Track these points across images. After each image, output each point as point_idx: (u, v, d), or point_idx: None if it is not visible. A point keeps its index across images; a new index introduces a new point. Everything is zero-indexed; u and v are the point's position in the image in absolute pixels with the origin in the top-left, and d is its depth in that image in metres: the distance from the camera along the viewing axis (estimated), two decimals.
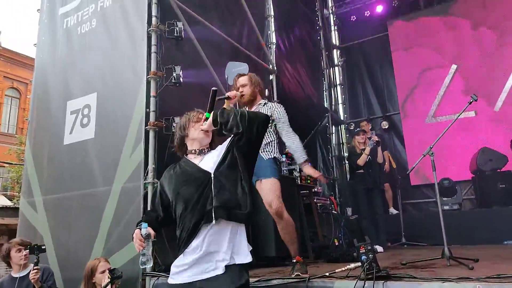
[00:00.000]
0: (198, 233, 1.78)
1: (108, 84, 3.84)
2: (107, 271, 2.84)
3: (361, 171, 5.16)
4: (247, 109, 3.12)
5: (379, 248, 4.70)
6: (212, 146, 2.04)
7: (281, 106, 3.16)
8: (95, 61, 4.01)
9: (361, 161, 5.13)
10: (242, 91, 3.07)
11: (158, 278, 3.08)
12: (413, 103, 7.45)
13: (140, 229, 1.81)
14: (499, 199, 5.63)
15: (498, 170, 5.88)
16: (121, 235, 3.30)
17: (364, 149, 5.17)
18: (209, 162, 1.92)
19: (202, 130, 1.97)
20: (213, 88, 1.99)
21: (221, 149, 1.96)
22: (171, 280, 1.84)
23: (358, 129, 5.60)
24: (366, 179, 5.13)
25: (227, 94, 2.77)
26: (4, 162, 15.17)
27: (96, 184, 3.61)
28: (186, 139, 2.03)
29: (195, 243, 1.77)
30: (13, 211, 9.28)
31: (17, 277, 3.05)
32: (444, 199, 6.08)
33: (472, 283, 2.06)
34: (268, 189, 2.82)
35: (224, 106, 2.75)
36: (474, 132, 6.76)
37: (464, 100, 6.66)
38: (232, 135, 1.92)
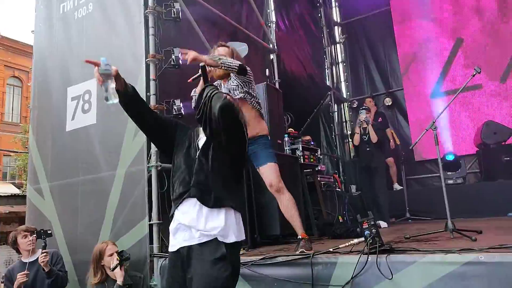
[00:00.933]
0: (182, 202, 1.83)
1: None
2: (115, 253, 2.90)
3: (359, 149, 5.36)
4: (221, 83, 3.01)
5: (383, 224, 4.75)
6: None
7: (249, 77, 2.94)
8: (93, 45, 3.98)
9: (355, 140, 5.34)
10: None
11: (165, 259, 3.14)
12: (417, 78, 7.36)
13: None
14: (504, 172, 5.63)
15: (503, 143, 5.85)
16: (127, 218, 3.35)
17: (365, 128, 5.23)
18: (203, 140, 1.91)
19: None
20: (201, 64, 2.00)
21: None
22: (169, 248, 1.90)
23: (362, 107, 5.56)
24: (362, 158, 5.27)
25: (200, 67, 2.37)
26: (10, 151, 15.31)
27: (101, 169, 3.64)
28: None
29: (179, 211, 1.84)
30: (22, 199, 9.40)
31: (26, 262, 3.13)
32: (448, 173, 6.08)
33: (475, 254, 2.08)
34: (266, 171, 2.89)
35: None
36: (479, 106, 6.69)
37: (468, 74, 6.61)
38: None
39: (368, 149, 5.18)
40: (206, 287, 1.69)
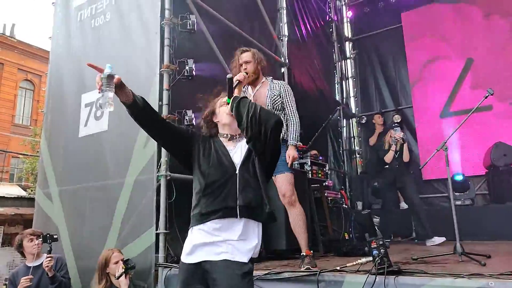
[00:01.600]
0: (216, 220, 1.77)
1: (122, 77, 3.84)
2: (121, 261, 2.90)
3: (387, 166, 5.18)
4: (249, 90, 3.10)
5: (438, 239, 4.56)
6: None
7: (288, 86, 3.14)
8: (109, 54, 4.04)
9: (388, 158, 5.13)
10: (246, 68, 2.96)
11: (170, 269, 3.13)
12: (426, 97, 7.35)
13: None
14: None
15: None
16: (134, 227, 3.35)
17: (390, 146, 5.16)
18: (238, 154, 1.87)
19: (227, 114, 1.92)
20: (228, 76, 1.96)
21: None
22: (185, 259, 1.82)
23: (394, 123, 5.49)
24: (388, 174, 5.17)
25: (236, 78, 2.72)
26: (20, 153, 15.45)
27: (110, 176, 3.66)
28: (218, 123, 2.00)
29: (210, 226, 1.77)
30: (28, 201, 9.46)
31: (31, 266, 3.13)
32: (456, 194, 6.01)
33: (485, 280, 2.05)
34: (282, 181, 2.88)
35: (235, 90, 2.76)
36: (489, 127, 6.64)
37: (478, 94, 6.59)
38: None
39: (397, 166, 5.13)
40: None
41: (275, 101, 3.05)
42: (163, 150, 3.37)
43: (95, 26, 4.28)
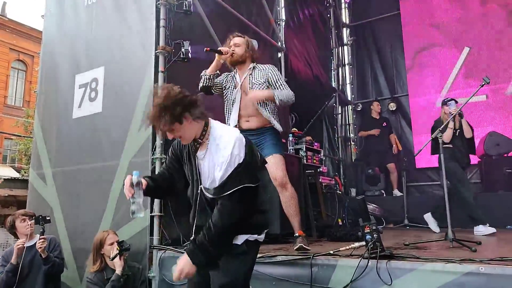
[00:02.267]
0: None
1: (116, 58, 3.82)
2: (116, 243, 2.91)
3: (450, 145, 4.44)
4: (235, 70, 3.12)
5: (490, 229, 4.08)
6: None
7: (274, 67, 3.11)
8: (103, 34, 3.97)
9: (446, 137, 4.31)
10: (234, 50, 3.02)
11: (165, 252, 3.15)
12: (422, 85, 7.34)
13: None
14: (505, 184, 5.62)
15: (505, 155, 5.85)
16: (129, 209, 3.33)
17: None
18: (207, 169, 1.80)
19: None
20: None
21: (225, 167, 1.73)
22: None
23: (448, 98, 4.70)
24: (453, 155, 4.41)
25: (220, 48, 2.95)
26: (13, 134, 15.31)
27: (105, 158, 3.64)
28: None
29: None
30: (21, 182, 9.44)
31: (24, 247, 3.12)
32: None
33: (475, 265, 2.09)
34: (273, 163, 2.87)
35: (215, 58, 2.99)
36: (483, 116, 6.68)
37: (473, 83, 6.61)
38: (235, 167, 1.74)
39: (461, 144, 4.49)
40: (227, 276, 1.76)
41: (261, 88, 3.01)
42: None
43: (88, 5, 4.18)
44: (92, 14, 4.13)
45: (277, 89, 2.99)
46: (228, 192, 1.72)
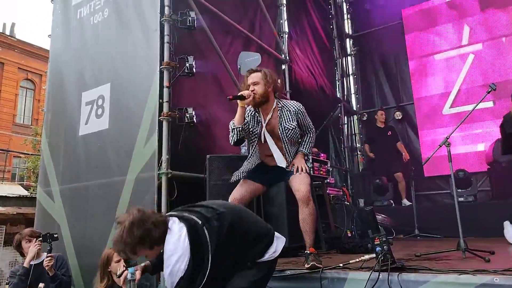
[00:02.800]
0: None
1: (122, 75, 3.86)
2: (123, 260, 2.88)
3: None
4: (261, 118, 2.91)
5: None
6: None
7: (301, 106, 2.96)
8: (108, 51, 4.03)
9: None
10: (254, 90, 2.77)
11: None
12: (428, 93, 7.32)
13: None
14: None
15: None
16: None
17: None
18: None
19: None
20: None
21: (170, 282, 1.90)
22: None
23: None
24: None
25: (241, 93, 2.68)
26: (21, 152, 15.45)
27: (111, 174, 3.65)
28: None
29: None
30: (30, 200, 9.46)
31: (31, 264, 3.12)
32: (458, 190, 5.98)
33: (490, 276, 2.03)
34: (300, 178, 2.82)
35: (239, 105, 2.68)
36: (491, 123, 6.61)
37: (479, 90, 6.57)
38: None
39: None
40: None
41: (294, 133, 2.90)
42: (163, 147, 3.36)
43: (93, 24, 4.26)
44: (98, 32, 4.20)
45: (306, 133, 2.99)
46: None
